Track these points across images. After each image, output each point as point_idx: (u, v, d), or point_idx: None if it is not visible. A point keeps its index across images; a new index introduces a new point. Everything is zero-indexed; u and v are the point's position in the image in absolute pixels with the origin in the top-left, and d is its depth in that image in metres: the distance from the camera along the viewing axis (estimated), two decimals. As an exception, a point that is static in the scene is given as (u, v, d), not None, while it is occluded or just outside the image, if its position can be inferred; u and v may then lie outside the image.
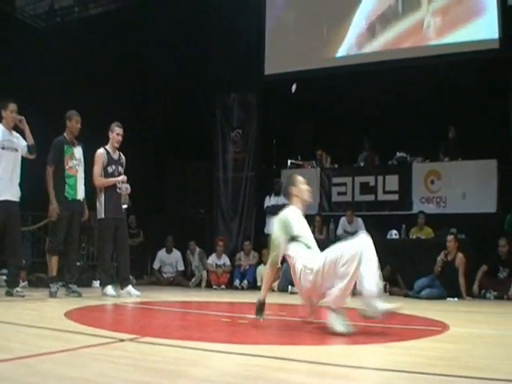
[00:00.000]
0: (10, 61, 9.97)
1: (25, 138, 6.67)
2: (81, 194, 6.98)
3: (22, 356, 2.59)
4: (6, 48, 10.11)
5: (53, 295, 6.56)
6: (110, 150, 7.27)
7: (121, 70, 11.63)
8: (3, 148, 6.43)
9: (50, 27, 10.81)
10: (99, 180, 7.12)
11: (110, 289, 7.04)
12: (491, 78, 10.11)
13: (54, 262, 6.80)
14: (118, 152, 7.36)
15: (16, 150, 6.57)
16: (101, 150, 7.22)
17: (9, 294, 6.40)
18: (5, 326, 3.92)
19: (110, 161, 7.22)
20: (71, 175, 6.87)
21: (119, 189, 7.12)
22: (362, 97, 11.06)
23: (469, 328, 4.75)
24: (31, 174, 6.71)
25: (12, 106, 6.54)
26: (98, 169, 7.12)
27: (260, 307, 4.24)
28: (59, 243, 6.77)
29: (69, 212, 6.78)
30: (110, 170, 7.18)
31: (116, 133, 7.23)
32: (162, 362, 2.68)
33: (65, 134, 6.94)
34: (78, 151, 7.01)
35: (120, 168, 7.31)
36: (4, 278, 7.19)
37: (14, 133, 6.63)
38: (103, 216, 7.12)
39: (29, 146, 6.62)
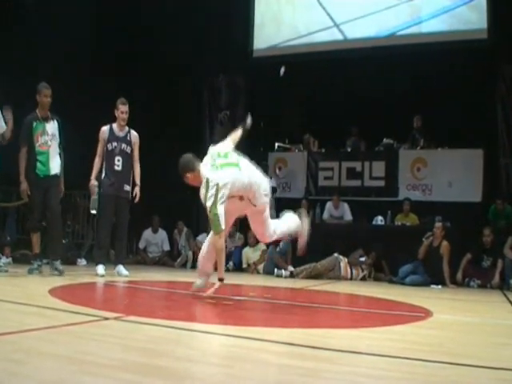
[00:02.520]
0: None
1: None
2: (55, 169, 6.71)
3: (5, 332, 2.57)
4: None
5: (30, 272, 6.44)
6: (115, 127, 7.09)
7: (107, 50, 11.45)
8: None
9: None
10: (96, 160, 7.04)
11: (100, 267, 6.87)
12: (480, 67, 10.12)
13: (35, 240, 6.70)
14: (127, 129, 7.16)
15: None
16: (103, 128, 7.08)
17: None
18: (-13, 301, 3.89)
19: (111, 138, 7.04)
20: (43, 151, 6.60)
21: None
22: (350, 82, 11.04)
23: (452, 315, 4.80)
24: (16, 151, 6.61)
25: None
26: (98, 148, 7.05)
27: None
28: (36, 221, 6.69)
29: (41, 189, 6.58)
30: (109, 147, 7.02)
31: (120, 111, 7.03)
32: (146, 341, 2.68)
33: (36, 110, 6.65)
34: (51, 126, 6.69)
35: (124, 145, 7.07)
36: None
37: None
38: (100, 191, 7.07)
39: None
